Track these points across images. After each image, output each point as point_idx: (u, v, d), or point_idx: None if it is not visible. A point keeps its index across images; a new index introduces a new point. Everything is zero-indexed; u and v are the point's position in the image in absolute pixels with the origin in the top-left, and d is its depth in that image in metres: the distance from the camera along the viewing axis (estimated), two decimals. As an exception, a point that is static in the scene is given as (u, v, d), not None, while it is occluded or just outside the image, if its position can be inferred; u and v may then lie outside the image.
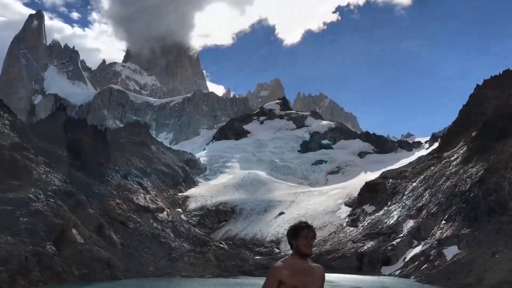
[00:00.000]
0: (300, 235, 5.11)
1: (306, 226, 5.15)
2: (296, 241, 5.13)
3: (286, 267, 5.05)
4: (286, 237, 5.38)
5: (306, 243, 5.10)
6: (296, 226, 5.19)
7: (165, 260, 56.96)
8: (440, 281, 46.18)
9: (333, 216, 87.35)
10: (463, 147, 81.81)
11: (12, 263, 35.37)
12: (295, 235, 5.16)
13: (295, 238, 5.14)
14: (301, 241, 5.12)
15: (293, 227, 5.20)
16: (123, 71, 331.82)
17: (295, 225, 5.24)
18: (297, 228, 5.16)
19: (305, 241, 5.10)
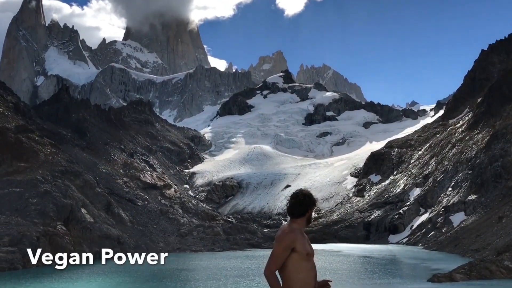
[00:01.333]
0: (312, 210, 5.11)
1: (314, 202, 5.14)
2: (311, 210, 5.10)
3: (297, 234, 4.99)
4: (294, 204, 5.12)
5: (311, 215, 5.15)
6: (311, 195, 5.14)
7: (174, 235, 57.66)
8: (447, 247, 46.57)
9: (339, 187, 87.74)
10: (468, 114, 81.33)
11: (24, 243, 35.93)
12: (311, 204, 5.11)
13: (311, 207, 5.11)
14: (313, 209, 5.14)
15: (311, 196, 5.13)
16: (123, 49, 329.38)
17: (310, 193, 5.16)
18: (310, 206, 5.09)
19: (314, 208, 5.14)
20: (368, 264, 37.19)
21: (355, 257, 43.14)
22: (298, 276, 4.92)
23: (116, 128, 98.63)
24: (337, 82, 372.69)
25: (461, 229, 50.27)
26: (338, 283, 25.60)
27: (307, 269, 4.95)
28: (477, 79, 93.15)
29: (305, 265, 4.94)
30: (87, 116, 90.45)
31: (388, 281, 26.53)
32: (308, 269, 4.95)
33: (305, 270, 4.94)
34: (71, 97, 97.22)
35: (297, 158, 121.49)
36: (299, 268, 4.92)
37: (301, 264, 4.91)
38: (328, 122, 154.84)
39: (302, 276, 4.91)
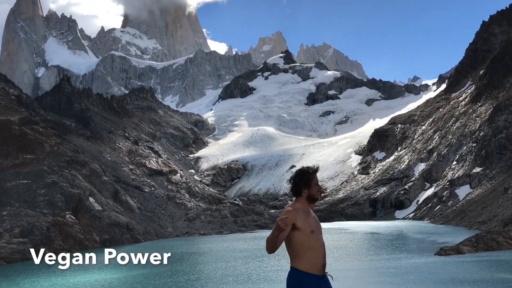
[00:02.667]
0: (313, 182, 5.02)
1: (314, 172, 5.05)
2: (309, 189, 5.02)
3: (297, 211, 4.98)
4: (292, 184, 5.19)
5: (319, 189, 5.04)
6: (305, 173, 5.06)
7: (182, 220, 58.19)
8: (453, 220, 46.85)
9: (344, 165, 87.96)
10: (471, 86, 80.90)
11: (35, 234, 36.45)
12: (307, 183, 5.03)
13: (308, 186, 5.03)
14: (314, 188, 5.02)
15: (303, 175, 5.06)
16: (122, 36, 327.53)
17: (303, 172, 5.08)
18: (308, 175, 5.04)
19: (317, 188, 5.02)
20: (375, 240, 37.55)
21: (362, 234, 43.52)
22: (305, 253, 4.96)
23: (119, 116, 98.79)
24: (338, 61, 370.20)
25: (466, 202, 50.48)
26: (346, 260, 25.92)
27: (315, 247, 4.96)
28: (479, 51, 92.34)
29: (313, 243, 4.96)
30: (90, 106, 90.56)
31: (395, 256, 26.82)
32: (315, 246, 4.97)
33: (312, 247, 4.96)
34: (73, 87, 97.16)
35: (301, 138, 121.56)
36: (306, 246, 4.94)
37: (307, 241, 4.93)
38: (330, 101, 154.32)
39: (310, 253, 4.95)
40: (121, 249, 40.98)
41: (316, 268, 4.95)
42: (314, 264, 4.94)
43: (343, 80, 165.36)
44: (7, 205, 40.41)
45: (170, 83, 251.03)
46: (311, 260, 4.95)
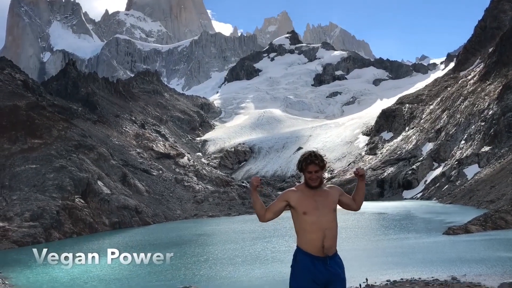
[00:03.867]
0: (306, 170, 5.12)
1: (311, 161, 5.09)
2: (304, 174, 5.19)
3: (296, 192, 5.18)
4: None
5: (310, 177, 5.10)
6: (301, 160, 5.18)
7: (190, 202, 58.55)
8: (462, 200, 46.74)
9: (351, 146, 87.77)
10: (480, 65, 79.88)
11: (45, 218, 36.84)
12: (301, 169, 5.20)
13: (302, 172, 5.19)
14: (306, 175, 5.15)
15: (299, 161, 5.21)
16: (127, 19, 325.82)
17: (301, 158, 5.21)
18: (302, 162, 5.16)
19: (309, 175, 5.10)
20: (383, 220, 37.61)
21: (370, 214, 43.58)
22: (302, 233, 5.12)
23: (126, 100, 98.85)
24: (345, 40, 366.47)
25: (475, 181, 50.28)
26: (353, 241, 26.01)
27: (309, 229, 5.05)
28: (488, 28, 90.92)
29: (306, 225, 5.07)
30: (96, 90, 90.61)
31: (403, 236, 26.85)
32: (310, 229, 5.05)
33: (306, 229, 5.07)
34: (79, 71, 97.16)
35: (308, 120, 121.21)
36: (302, 225, 5.10)
37: (301, 222, 5.09)
38: (337, 82, 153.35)
39: (305, 234, 5.08)
40: (130, 232, 41.38)
41: (313, 249, 5.04)
42: (311, 245, 5.04)
43: (350, 60, 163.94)
44: (17, 189, 40.81)
45: (175, 66, 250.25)
46: (307, 241, 5.07)
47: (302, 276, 5.05)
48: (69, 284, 18.78)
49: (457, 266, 16.41)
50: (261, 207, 5.21)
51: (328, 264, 5.02)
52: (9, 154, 46.36)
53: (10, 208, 37.54)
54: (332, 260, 5.06)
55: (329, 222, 5.07)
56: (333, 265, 5.06)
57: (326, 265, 5.01)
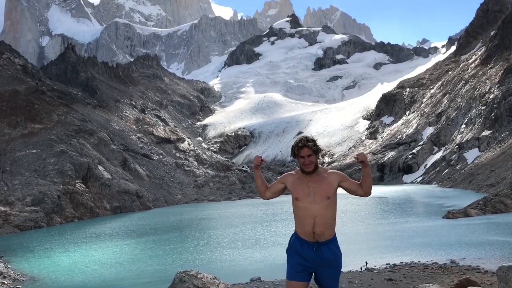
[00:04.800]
0: (299, 155, 5.04)
1: (304, 145, 5.00)
2: (298, 160, 5.12)
3: (293, 176, 5.16)
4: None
5: (303, 162, 5.00)
6: (294, 146, 5.10)
7: (191, 187, 58.77)
8: (462, 184, 46.86)
9: (351, 130, 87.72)
10: (481, 48, 79.38)
11: (46, 202, 37.01)
12: (295, 155, 5.12)
13: (297, 158, 5.11)
14: (300, 160, 5.06)
15: (292, 147, 5.13)
16: (126, 3, 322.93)
17: (294, 144, 5.14)
18: (294, 147, 5.07)
19: (302, 160, 5.01)
20: (383, 204, 37.75)
21: (370, 198, 43.70)
22: (296, 217, 5.14)
23: (126, 84, 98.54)
24: (346, 24, 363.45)
25: (475, 165, 50.33)
26: (353, 224, 26.14)
27: (300, 215, 5.05)
28: (490, 11, 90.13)
29: (298, 211, 5.06)
30: (96, 74, 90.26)
31: (403, 220, 26.98)
32: (300, 215, 5.05)
33: (297, 214, 5.09)
34: (78, 55, 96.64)
35: (308, 104, 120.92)
36: (295, 209, 5.12)
37: (295, 205, 5.09)
38: (338, 66, 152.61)
39: (298, 218, 5.09)
40: (131, 216, 41.54)
41: (304, 234, 5.05)
42: (302, 230, 5.06)
43: (350, 44, 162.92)
44: (18, 174, 40.92)
45: (175, 50, 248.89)
46: (299, 225, 5.10)
47: (293, 260, 5.10)
48: (70, 268, 18.93)
49: (456, 250, 16.51)
50: (262, 184, 5.31)
51: (317, 250, 4.99)
52: (9, 139, 46.39)
53: (11, 193, 37.69)
54: (324, 246, 5.01)
55: (320, 209, 4.97)
56: (325, 251, 5.01)
57: (315, 250, 5.00)
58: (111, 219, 39.47)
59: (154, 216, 39.74)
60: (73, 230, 32.60)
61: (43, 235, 30.55)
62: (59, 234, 30.63)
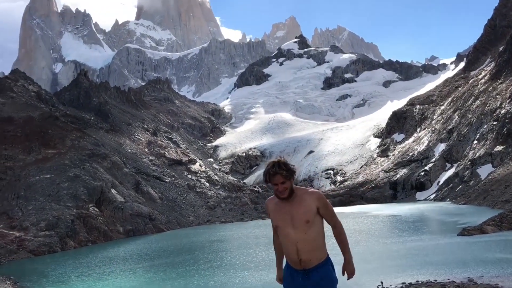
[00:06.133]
0: (271, 182, 4.73)
1: (275, 172, 4.67)
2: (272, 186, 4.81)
3: (272, 202, 4.97)
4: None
5: (277, 189, 4.73)
6: (265, 172, 4.77)
7: (203, 208, 58.79)
8: (476, 200, 46.25)
9: (362, 149, 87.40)
10: (490, 64, 79.18)
11: (60, 227, 37.28)
12: (266, 181, 4.82)
13: (268, 184, 4.81)
14: (273, 187, 4.77)
15: (264, 173, 4.80)
16: (137, 29, 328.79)
17: (265, 170, 4.79)
18: (266, 174, 4.75)
19: (275, 187, 4.73)
20: (396, 222, 37.36)
21: (383, 216, 43.33)
22: (282, 244, 4.97)
23: (137, 108, 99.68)
24: (353, 43, 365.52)
25: (489, 181, 49.72)
26: (367, 243, 25.90)
27: (284, 242, 4.86)
28: (498, 26, 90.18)
29: (282, 238, 4.88)
30: (108, 99, 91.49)
31: (418, 238, 26.67)
32: (284, 242, 4.86)
33: (282, 240, 4.90)
34: (90, 81, 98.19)
35: (318, 123, 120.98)
36: (279, 236, 4.98)
37: (277, 232, 4.95)
38: (347, 85, 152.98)
39: (283, 244, 4.91)
40: (144, 239, 41.52)
41: (291, 262, 4.86)
42: (289, 258, 4.88)
43: (359, 62, 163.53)
44: (32, 199, 41.34)
45: (185, 73, 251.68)
46: (286, 253, 4.92)
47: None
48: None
49: (473, 268, 16.27)
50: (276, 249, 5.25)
51: (304, 277, 4.78)
52: (24, 164, 47.00)
53: (26, 218, 38.03)
54: (314, 272, 4.77)
55: (300, 234, 4.70)
56: (314, 277, 4.77)
57: (303, 278, 4.79)
58: (125, 242, 39.53)
59: (167, 239, 39.73)
60: (87, 254, 32.69)
61: (58, 259, 30.68)
62: (73, 259, 30.74)
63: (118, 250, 34.30)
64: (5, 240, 33.63)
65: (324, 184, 79.96)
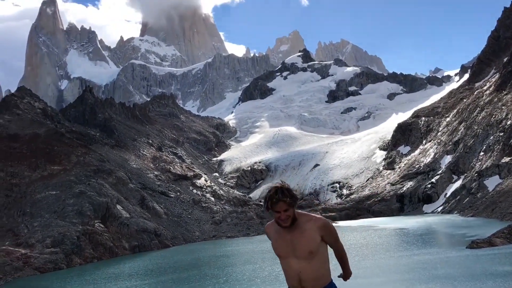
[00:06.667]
0: (273, 209, 4.40)
1: (278, 199, 4.35)
2: (272, 214, 4.47)
3: (272, 228, 4.65)
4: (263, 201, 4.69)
5: (279, 217, 4.40)
6: (267, 199, 4.43)
7: (209, 224, 58.50)
8: (484, 212, 45.81)
9: (368, 161, 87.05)
10: (495, 75, 79.10)
11: (66, 243, 37.18)
12: (267, 208, 4.45)
13: (269, 211, 4.46)
14: (274, 215, 4.44)
15: (265, 200, 4.47)
16: (141, 45, 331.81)
17: (266, 196, 4.45)
18: (267, 201, 4.41)
19: (277, 215, 4.40)
20: (404, 236, 37.01)
21: (391, 230, 42.97)
22: (284, 271, 4.67)
23: (142, 123, 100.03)
24: (357, 56, 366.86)
25: (497, 193, 49.29)
26: (375, 257, 25.63)
27: (286, 270, 4.61)
28: (502, 38, 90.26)
29: (283, 265, 4.61)
30: (113, 115, 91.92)
31: (426, 251, 26.38)
32: (287, 272, 4.60)
33: (283, 266, 4.64)
34: (96, 97, 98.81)
35: (323, 136, 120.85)
36: (281, 264, 4.67)
37: (280, 261, 4.64)
38: (351, 98, 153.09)
39: (283, 270, 4.64)
40: (150, 255, 41.32)
41: (292, 287, 4.61)
42: (290, 284, 4.63)
43: (363, 75, 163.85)
44: (38, 216, 41.32)
45: (190, 89, 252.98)
46: (286, 278, 4.65)
47: None
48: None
49: (483, 281, 16.04)
50: None
51: None
52: (29, 181, 47.10)
53: (31, 235, 37.98)
54: None
55: (303, 264, 4.45)
56: None
57: None
58: (130, 258, 39.33)
59: (173, 255, 39.51)
60: (93, 271, 32.53)
61: (63, 277, 30.53)
62: (79, 276, 30.58)
63: (123, 266, 34.11)
64: (11, 257, 33.55)
65: (330, 198, 79.56)
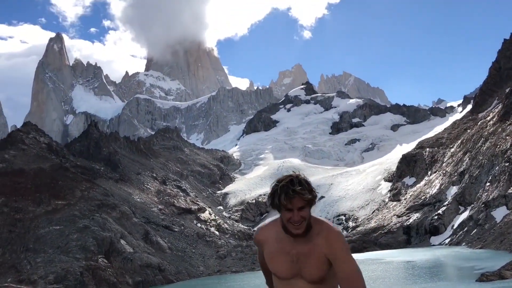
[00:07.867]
0: (285, 206, 3.13)
1: (296, 192, 3.12)
2: (280, 212, 3.23)
3: (270, 234, 3.42)
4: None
5: (291, 219, 3.14)
6: (277, 191, 3.16)
7: (213, 258, 57.81)
8: (492, 244, 45.11)
9: (374, 193, 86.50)
10: (498, 105, 79.40)
11: (69, 279, 36.74)
12: (274, 204, 3.22)
13: (278, 209, 3.23)
14: (284, 214, 3.17)
15: (274, 192, 3.21)
16: (146, 79, 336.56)
17: (275, 187, 3.23)
18: (279, 194, 3.13)
19: (289, 215, 3.14)
20: (411, 268, 36.38)
21: (398, 263, 42.28)
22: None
23: (147, 157, 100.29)
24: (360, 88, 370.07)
25: (505, 224, 48.65)
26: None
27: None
28: (503, 69, 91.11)
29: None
30: (118, 149, 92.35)
31: (434, 284, 25.88)
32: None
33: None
34: (100, 132, 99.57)
35: (328, 168, 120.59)
36: (274, 281, 3.53)
37: (274, 279, 3.51)
38: (355, 129, 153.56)
39: None
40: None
41: None
42: None
43: (366, 107, 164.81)
44: (41, 252, 40.99)
45: (194, 122, 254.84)
46: None
47: None
48: None
49: (493, 316, 15.65)
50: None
51: None
52: (33, 216, 46.96)
53: (34, 271, 37.58)
54: None
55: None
56: None
57: None
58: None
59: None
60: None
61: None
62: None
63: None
64: (13, 295, 33.12)
65: (335, 230, 78.63)
